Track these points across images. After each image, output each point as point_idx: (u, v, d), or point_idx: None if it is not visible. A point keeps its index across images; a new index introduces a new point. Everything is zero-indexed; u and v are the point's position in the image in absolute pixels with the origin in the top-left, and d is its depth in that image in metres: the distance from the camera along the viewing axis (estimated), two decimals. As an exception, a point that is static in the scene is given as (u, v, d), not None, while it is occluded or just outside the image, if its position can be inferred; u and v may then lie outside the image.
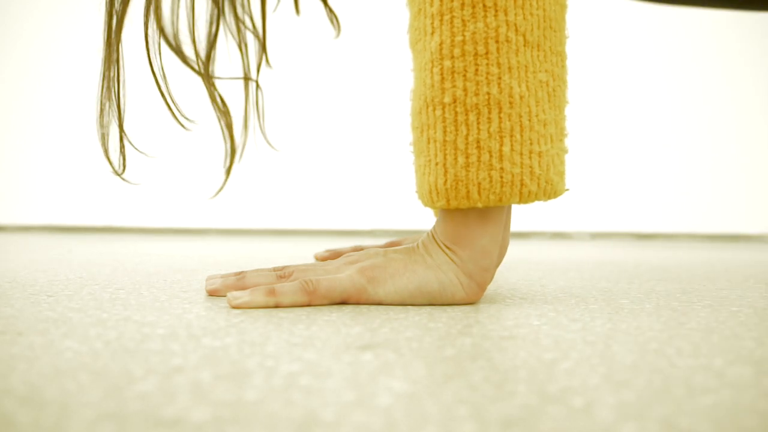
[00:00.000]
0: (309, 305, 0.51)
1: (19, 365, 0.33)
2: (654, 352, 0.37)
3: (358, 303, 0.51)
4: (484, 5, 0.47)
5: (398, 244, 0.79)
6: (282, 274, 0.54)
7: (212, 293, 0.55)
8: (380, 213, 1.55)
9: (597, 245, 1.32)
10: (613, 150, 1.55)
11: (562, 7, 0.51)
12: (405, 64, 1.46)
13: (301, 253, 1.00)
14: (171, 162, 1.56)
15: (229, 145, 0.67)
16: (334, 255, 0.79)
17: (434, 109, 0.49)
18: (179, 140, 1.54)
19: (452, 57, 0.48)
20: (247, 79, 0.70)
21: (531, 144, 0.49)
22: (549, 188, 0.50)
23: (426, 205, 0.52)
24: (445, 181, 0.49)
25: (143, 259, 0.88)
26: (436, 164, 0.49)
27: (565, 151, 0.52)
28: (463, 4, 0.47)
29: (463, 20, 0.47)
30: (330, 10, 0.70)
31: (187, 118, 0.61)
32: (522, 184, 0.48)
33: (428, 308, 0.50)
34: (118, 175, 0.58)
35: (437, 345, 0.38)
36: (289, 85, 1.54)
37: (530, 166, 0.49)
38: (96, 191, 1.59)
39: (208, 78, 0.64)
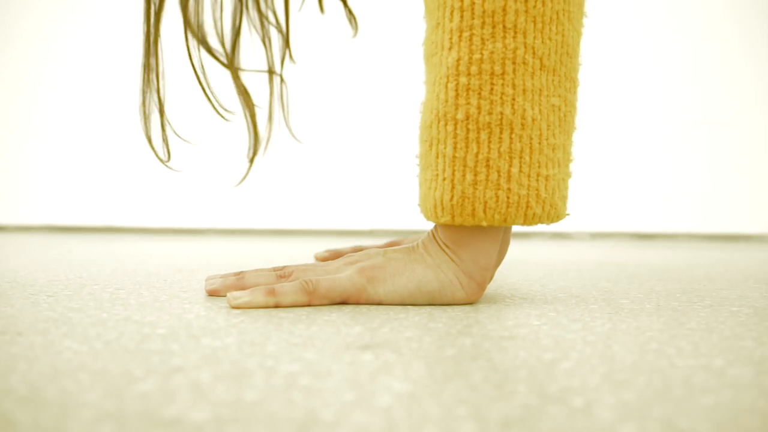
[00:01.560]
0: (309, 305, 0.51)
1: (19, 365, 0.33)
2: (654, 352, 0.37)
3: (358, 303, 0.51)
4: (504, 26, 0.47)
5: (398, 244, 0.79)
6: (282, 274, 0.54)
7: (212, 293, 0.55)
8: (380, 213, 1.55)
9: (597, 245, 1.32)
10: (613, 150, 1.55)
11: (579, 34, 0.51)
12: (408, 65, 1.46)
13: (301, 253, 1.00)
14: (170, 161, 1.56)
15: (252, 135, 0.68)
16: (334, 255, 0.79)
17: (446, 124, 0.49)
18: (179, 140, 1.54)
19: (468, 74, 0.48)
20: (271, 72, 0.70)
21: (539, 167, 0.49)
22: (552, 212, 0.50)
23: (429, 219, 0.51)
24: (452, 197, 0.49)
25: (143, 259, 0.88)
26: (444, 179, 0.49)
27: (570, 176, 0.52)
28: (483, 23, 0.47)
29: (482, 39, 0.47)
30: (349, 11, 0.70)
31: (226, 109, 0.62)
32: (527, 206, 0.49)
33: (428, 308, 0.50)
34: (164, 163, 0.60)
35: (437, 345, 0.38)
36: (288, 85, 1.54)
37: (537, 189, 0.49)
38: (96, 191, 1.59)
39: (232, 69, 0.65)
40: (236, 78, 0.65)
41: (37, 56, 1.59)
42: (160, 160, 0.59)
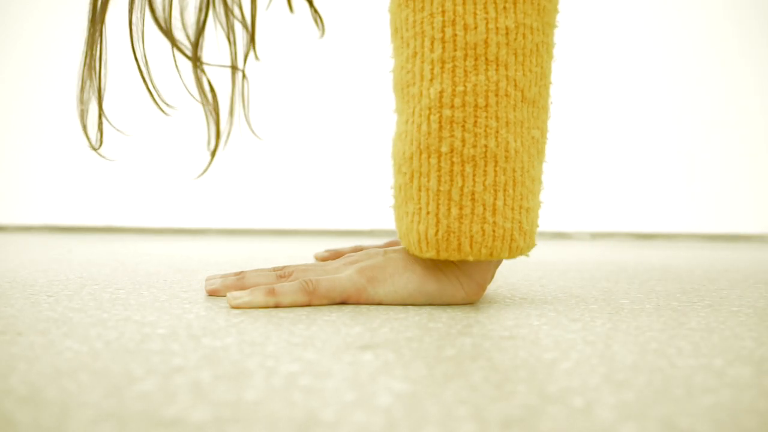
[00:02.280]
0: (309, 305, 0.51)
1: (19, 365, 0.33)
2: (654, 352, 0.37)
3: (358, 303, 0.51)
4: (486, 58, 0.47)
5: (398, 243, 0.79)
6: (282, 274, 0.54)
7: (212, 293, 0.55)
8: (380, 213, 1.55)
9: (597, 245, 1.32)
10: (614, 150, 1.55)
11: (551, 61, 0.51)
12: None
13: (301, 253, 1.00)
14: (171, 161, 1.56)
15: (213, 128, 0.68)
16: (334, 255, 0.79)
17: (429, 157, 0.48)
18: (179, 140, 1.54)
19: (452, 106, 0.47)
20: (234, 68, 0.70)
21: (521, 199, 0.49)
22: (530, 243, 0.51)
23: (413, 252, 0.51)
24: (437, 231, 0.48)
25: (143, 259, 0.88)
26: (428, 213, 0.48)
27: (541, 206, 0.52)
28: (465, 55, 0.47)
29: (465, 71, 0.47)
30: (315, 11, 0.70)
31: (167, 104, 0.61)
32: (512, 239, 0.49)
33: (428, 308, 0.50)
34: (95, 149, 0.59)
35: (437, 345, 0.38)
36: (289, 83, 1.55)
37: (520, 221, 0.49)
38: (96, 191, 1.59)
39: (195, 63, 0.65)
40: (199, 71, 0.65)
41: (37, 56, 1.59)
42: (92, 147, 0.59)
